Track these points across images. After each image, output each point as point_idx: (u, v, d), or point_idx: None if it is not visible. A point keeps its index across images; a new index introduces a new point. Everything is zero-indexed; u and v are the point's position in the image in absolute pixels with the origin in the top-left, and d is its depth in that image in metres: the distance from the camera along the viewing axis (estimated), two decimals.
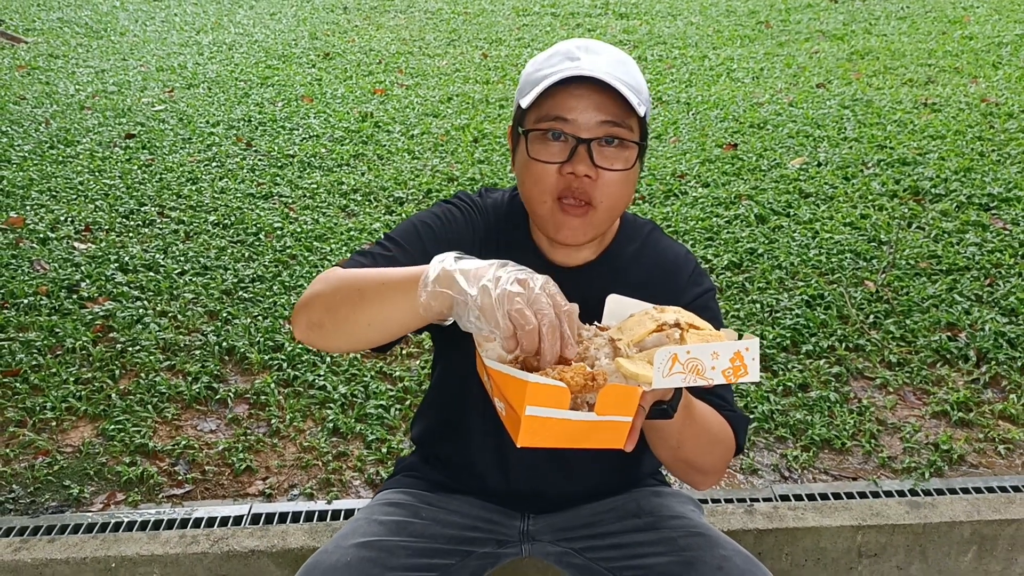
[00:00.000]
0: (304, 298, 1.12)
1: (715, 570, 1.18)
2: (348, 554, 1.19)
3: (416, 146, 4.33)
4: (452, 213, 1.28)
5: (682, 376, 0.93)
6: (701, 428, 1.17)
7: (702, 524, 1.29)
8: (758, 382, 2.43)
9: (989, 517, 1.69)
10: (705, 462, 1.20)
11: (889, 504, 1.77)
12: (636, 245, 1.32)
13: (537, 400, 0.91)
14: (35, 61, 6.12)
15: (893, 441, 2.24)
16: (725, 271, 3.03)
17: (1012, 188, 3.58)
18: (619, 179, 1.19)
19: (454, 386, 1.33)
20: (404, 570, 1.21)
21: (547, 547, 1.36)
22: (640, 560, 1.25)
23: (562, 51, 1.20)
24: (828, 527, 1.68)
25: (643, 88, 1.20)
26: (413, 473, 1.42)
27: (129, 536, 1.70)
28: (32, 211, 3.57)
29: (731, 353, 0.95)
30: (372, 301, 1.04)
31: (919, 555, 1.72)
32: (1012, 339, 2.60)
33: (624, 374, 0.96)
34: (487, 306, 0.94)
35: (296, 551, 1.64)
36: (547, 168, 1.19)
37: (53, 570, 1.63)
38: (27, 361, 2.56)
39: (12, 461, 2.20)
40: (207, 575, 1.65)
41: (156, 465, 2.17)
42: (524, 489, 1.35)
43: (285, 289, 2.95)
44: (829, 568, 1.72)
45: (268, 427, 2.32)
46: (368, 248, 1.23)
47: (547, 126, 1.17)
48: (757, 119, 4.59)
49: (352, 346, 1.11)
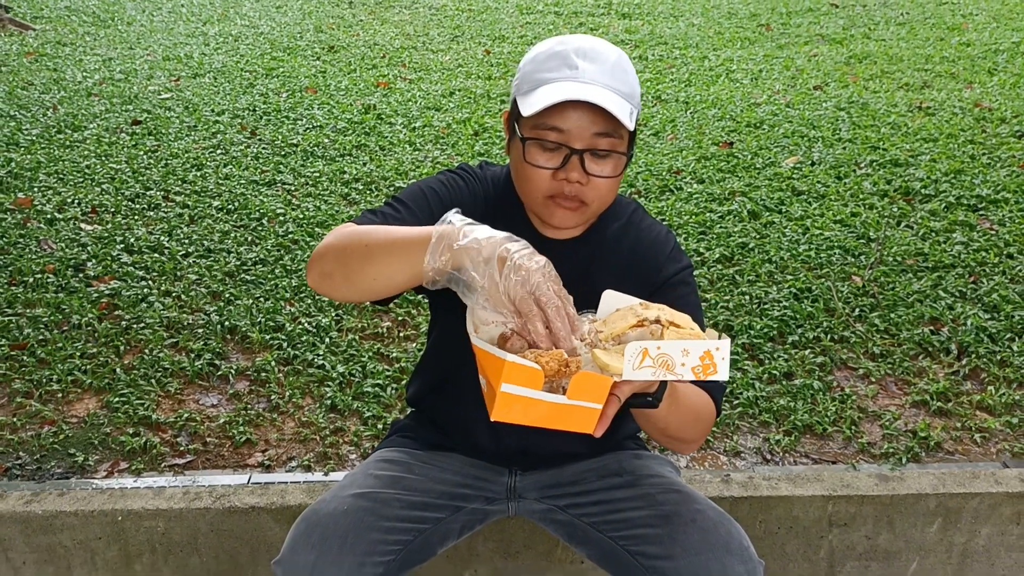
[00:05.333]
0: (318, 249, 1.20)
1: (689, 523, 1.26)
2: (346, 503, 1.27)
3: (417, 138, 4.41)
4: (456, 182, 1.37)
5: (651, 370, 1.00)
6: (686, 409, 1.25)
7: (679, 482, 1.37)
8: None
9: (954, 490, 1.77)
10: (688, 434, 1.28)
11: (859, 477, 1.84)
12: (621, 222, 1.40)
13: (512, 378, 0.98)
14: (43, 48, 6.19)
15: (873, 428, 2.32)
16: (716, 264, 3.11)
17: (1000, 190, 3.66)
18: (608, 182, 1.28)
19: (449, 348, 1.40)
20: (398, 520, 1.29)
21: (532, 504, 1.43)
22: (619, 515, 1.33)
23: (560, 53, 1.27)
24: (800, 496, 1.75)
25: (636, 92, 1.29)
26: (408, 433, 1.50)
27: (135, 492, 1.78)
28: (40, 193, 3.64)
29: (701, 351, 1.01)
30: (378, 258, 1.12)
31: (887, 525, 1.79)
32: (993, 334, 2.68)
33: (598, 364, 1.03)
34: (492, 292, 1.02)
35: (294, 508, 1.71)
36: (542, 172, 1.28)
37: (62, 521, 1.70)
38: (34, 335, 2.63)
39: (19, 430, 2.27)
40: (209, 530, 1.72)
41: (159, 436, 2.24)
42: (512, 446, 1.42)
43: (286, 272, 3.02)
44: (801, 536, 1.80)
45: (268, 403, 2.39)
46: (378, 208, 1.31)
47: (543, 135, 1.26)
48: (754, 119, 4.67)
49: (357, 296, 1.19)
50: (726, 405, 2.39)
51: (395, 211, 1.29)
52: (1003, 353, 2.59)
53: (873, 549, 1.80)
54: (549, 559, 1.77)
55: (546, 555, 1.77)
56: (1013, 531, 1.82)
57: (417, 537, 1.32)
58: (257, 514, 1.71)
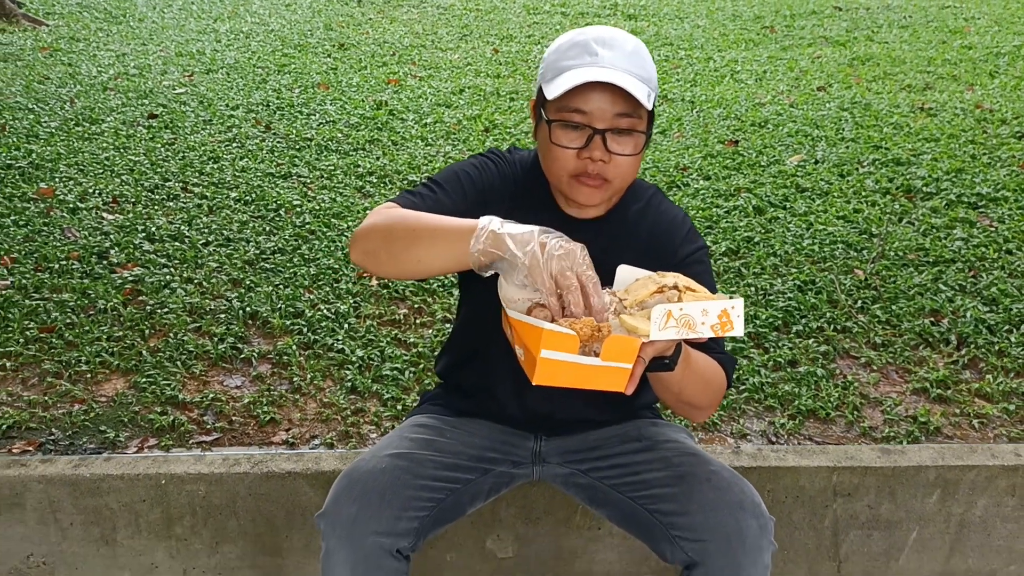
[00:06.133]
0: (362, 228, 1.29)
1: (704, 481, 1.35)
2: (383, 462, 1.36)
3: (429, 134, 4.49)
4: (487, 165, 1.46)
5: (675, 330, 1.10)
6: (698, 375, 1.34)
7: (693, 447, 1.46)
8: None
9: (952, 463, 1.85)
10: (702, 401, 1.36)
11: (862, 450, 1.93)
12: (641, 204, 1.49)
13: (551, 344, 1.08)
14: (57, 44, 6.27)
15: (874, 413, 2.40)
16: (723, 257, 3.19)
17: (1000, 189, 3.74)
18: (629, 160, 1.37)
19: (478, 323, 1.49)
20: (432, 480, 1.38)
21: (555, 468, 1.52)
22: (638, 476, 1.42)
23: (581, 43, 1.36)
24: (807, 467, 1.84)
25: (653, 76, 1.37)
26: (438, 402, 1.59)
27: (177, 457, 1.86)
28: (61, 183, 3.72)
29: (719, 310, 1.11)
30: (425, 243, 1.21)
31: (888, 496, 1.88)
32: (991, 325, 2.76)
33: (626, 327, 1.13)
34: (535, 268, 1.11)
35: (328, 473, 1.80)
36: (567, 152, 1.36)
37: (109, 484, 1.78)
38: (61, 319, 2.71)
39: (51, 407, 2.35)
40: (247, 493, 1.81)
41: (186, 415, 2.33)
42: (538, 412, 1.51)
43: (305, 261, 3.11)
44: (807, 505, 1.88)
45: (290, 384, 2.47)
46: (415, 189, 1.40)
47: (567, 116, 1.35)
48: (758, 118, 4.75)
49: (399, 276, 1.28)
50: (732, 391, 2.47)
51: (432, 192, 1.38)
52: (1001, 344, 2.68)
53: (875, 518, 1.88)
54: (568, 525, 1.86)
55: (565, 521, 1.85)
56: (1008, 503, 1.91)
57: (449, 496, 1.41)
58: (293, 479, 1.79)
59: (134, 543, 1.83)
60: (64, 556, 1.84)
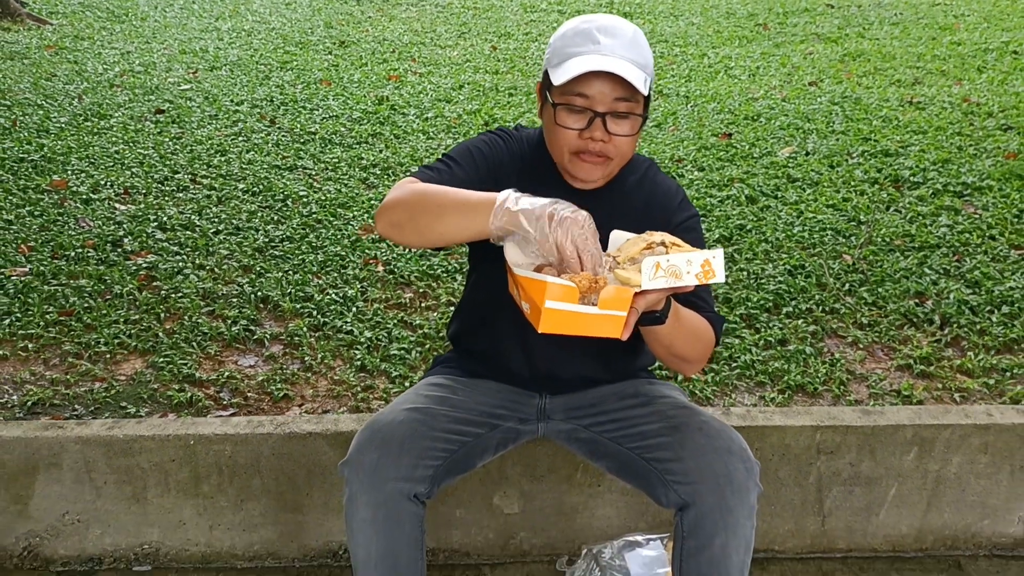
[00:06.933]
0: (388, 201, 1.42)
1: (696, 431, 1.47)
2: (401, 415, 1.48)
3: (430, 127, 4.60)
4: (497, 142, 1.58)
5: (664, 279, 1.23)
6: (687, 329, 1.46)
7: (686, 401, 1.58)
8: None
9: (928, 422, 1.97)
10: (691, 354, 1.48)
11: (844, 410, 2.04)
12: (637, 176, 1.62)
13: (553, 296, 1.21)
14: (62, 42, 6.38)
15: (860, 388, 2.51)
16: (716, 244, 3.30)
17: (985, 178, 3.86)
18: (627, 140, 1.50)
19: (488, 290, 1.61)
20: (445, 432, 1.50)
21: (559, 425, 1.64)
22: (635, 429, 1.54)
23: (585, 31, 1.49)
24: (791, 426, 1.96)
25: (650, 62, 1.51)
26: (450, 364, 1.71)
27: (204, 420, 1.97)
28: (73, 175, 3.83)
29: (701, 260, 1.25)
30: (450, 216, 1.34)
31: (868, 453, 1.99)
32: (974, 306, 2.88)
33: (620, 280, 1.27)
34: (544, 242, 1.26)
35: (347, 433, 1.91)
36: (570, 133, 1.49)
37: (141, 445, 1.89)
38: (79, 304, 2.82)
39: (73, 386, 2.46)
40: (271, 453, 1.92)
41: (203, 392, 2.43)
42: (542, 372, 1.63)
43: (312, 249, 3.22)
44: (792, 463, 2.00)
45: (302, 363, 2.58)
46: (432, 164, 1.52)
47: (571, 100, 1.48)
48: (751, 112, 4.87)
49: (421, 244, 1.42)
50: (724, 367, 2.58)
51: (448, 168, 1.51)
52: (983, 323, 2.79)
53: (856, 475, 2.00)
54: (570, 483, 1.97)
55: (567, 479, 1.97)
56: (981, 460, 2.02)
57: (460, 448, 1.53)
58: (313, 439, 1.90)
59: (163, 501, 1.95)
60: (98, 514, 1.95)
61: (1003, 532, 2.10)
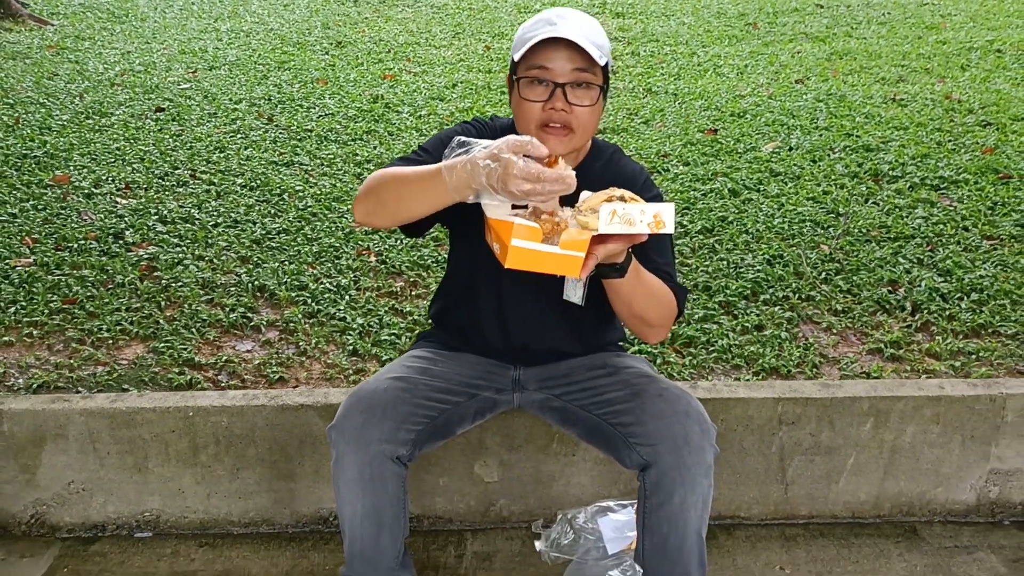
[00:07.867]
0: (361, 191, 1.54)
1: (656, 396, 1.59)
2: (385, 383, 1.60)
3: (424, 125, 4.72)
4: (469, 130, 1.71)
5: (619, 225, 1.37)
6: (647, 289, 1.58)
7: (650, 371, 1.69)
8: (705, 330, 2.83)
9: (884, 394, 2.08)
10: (652, 316, 1.59)
11: (804, 384, 2.16)
12: (603, 161, 1.74)
13: (520, 235, 1.35)
14: (63, 42, 6.48)
15: (832, 370, 2.62)
16: (698, 235, 3.42)
17: (962, 172, 3.97)
18: (588, 111, 1.62)
19: (466, 266, 1.73)
20: (426, 399, 1.62)
21: (533, 395, 1.75)
22: (601, 396, 1.65)
23: (544, 18, 1.62)
24: (754, 398, 2.07)
25: (606, 45, 1.63)
26: (432, 339, 1.83)
27: (203, 393, 2.09)
28: (76, 171, 3.94)
29: (654, 211, 1.38)
30: (411, 189, 1.46)
31: (827, 424, 2.11)
32: (944, 294, 2.99)
33: (580, 224, 1.39)
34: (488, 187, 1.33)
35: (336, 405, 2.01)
36: (534, 105, 1.61)
37: (143, 416, 2.01)
38: (82, 292, 2.93)
39: (77, 369, 2.57)
40: (265, 424, 2.03)
41: (202, 375, 2.54)
42: (517, 345, 1.74)
43: (308, 240, 3.33)
44: (755, 433, 2.11)
45: (297, 348, 2.69)
46: (407, 155, 1.63)
47: (533, 74, 1.60)
48: (738, 109, 4.98)
49: (396, 222, 1.54)
50: (702, 351, 2.69)
51: (419, 156, 1.63)
52: (952, 310, 2.90)
53: (817, 445, 2.11)
54: (546, 452, 2.09)
55: (544, 449, 2.08)
56: (934, 430, 2.14)
57: (440, 415, 1.64)
58: (305, 411, 2.02)
59: (163, 470, 2.06)
60: (101, 483, 2.07)
61: (956, 499, 2.21)
